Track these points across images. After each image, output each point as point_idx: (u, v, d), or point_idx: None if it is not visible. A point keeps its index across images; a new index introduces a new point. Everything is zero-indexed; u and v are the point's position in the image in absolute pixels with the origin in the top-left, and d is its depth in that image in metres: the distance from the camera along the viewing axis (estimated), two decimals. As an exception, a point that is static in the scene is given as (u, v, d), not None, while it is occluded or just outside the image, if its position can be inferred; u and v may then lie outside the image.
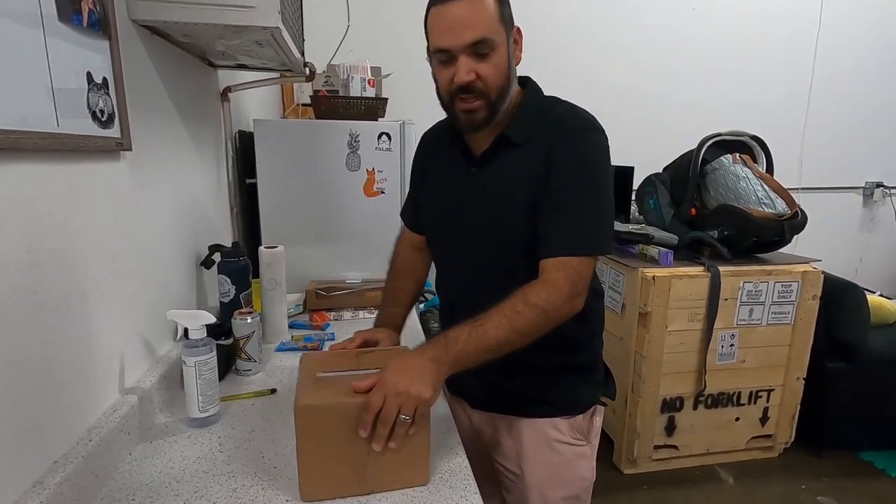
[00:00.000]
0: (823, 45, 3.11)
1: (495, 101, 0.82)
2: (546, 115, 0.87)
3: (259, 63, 1.38)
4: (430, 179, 1.01)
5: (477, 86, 0.80)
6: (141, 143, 0.91)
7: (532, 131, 0.86)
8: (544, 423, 0.95)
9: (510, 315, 0.77)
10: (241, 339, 1.08)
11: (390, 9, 2.58)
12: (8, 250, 0.59)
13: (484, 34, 0.78)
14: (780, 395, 2.15)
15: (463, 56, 0.79)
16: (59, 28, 0.68)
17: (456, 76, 0.80)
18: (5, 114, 0.58)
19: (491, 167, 0.89)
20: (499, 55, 0.80)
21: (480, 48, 0.78)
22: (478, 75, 0.80)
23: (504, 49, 0.81)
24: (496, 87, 0.81)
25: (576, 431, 0.96)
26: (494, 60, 0.80)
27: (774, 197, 2.01)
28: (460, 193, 0.92)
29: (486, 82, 0.80)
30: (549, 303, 0.78)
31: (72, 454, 0.68)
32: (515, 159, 0.86)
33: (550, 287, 0.79)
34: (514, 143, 0.86)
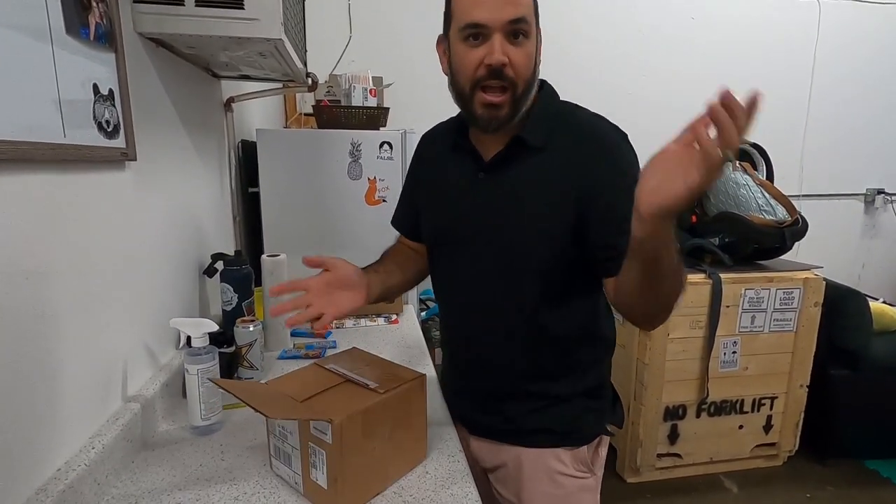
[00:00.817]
0: (822, 54, 3.13)
1: (520, 97, 0.76)
2: (566, 120, 0.81)
3: (262, 73, 1.39)
4: (432, 185, 0.94)
5: (508, 73, 0.74)
6: (145, 153, 0.92)
7: (550, 135, 0.79)
8: (547, 453, 0.88)
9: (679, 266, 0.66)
10: (243, 347, 1.09)
11: (392, 19, 2.61)
12: (14, 258, 0.60)
13: (525, 13, 0.73)
14: (783, 402, 2.14)
15: (498, 34, 0.72)
16: (67, 41, 0.69)
17: (488, 56, 0.72)
18: (14, 124, 0.59)
19: (503, 172, 0.82)
20: (531, 44, 0.75)
21: (519, 28, 0.73)
22: (510, 60, 0.73)
23: (535, 41, 0.76)
24: (524, 79, 0.75)
25: (580, 463, 0.89)
26: (527, 49, 0.74)
27: (775, 204, 2.02)
28: (468, 201, 0.85)
29: (517, 70, 0.74)
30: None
31: (74, 462, 0.68)
32: (532, 165, 0.79)
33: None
34: (530, 146, 0.79)
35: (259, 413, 0.66)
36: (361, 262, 1.07)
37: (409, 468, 0.80)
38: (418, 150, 1.01)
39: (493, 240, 0.83)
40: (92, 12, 0.75)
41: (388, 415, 0.74)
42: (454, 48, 0.77)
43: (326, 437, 0.67)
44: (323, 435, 0.68)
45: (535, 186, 0.79)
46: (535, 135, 0.80)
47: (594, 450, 0.92)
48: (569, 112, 0.83)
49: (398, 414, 0.76)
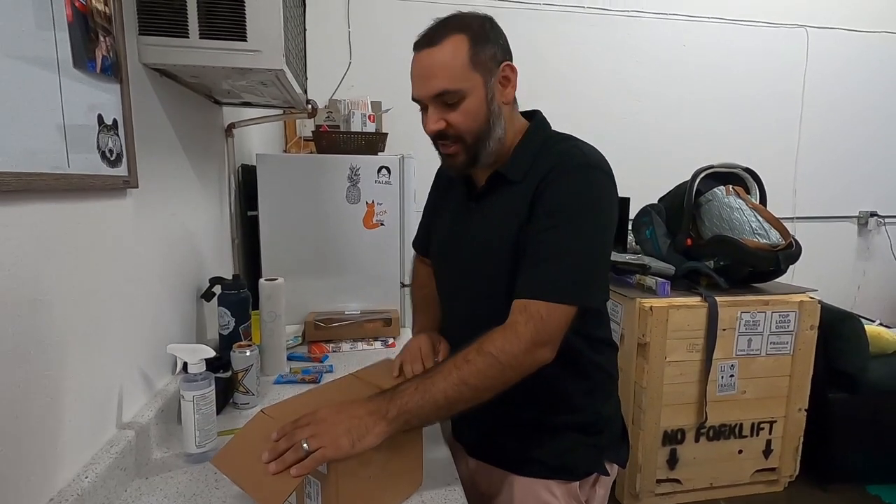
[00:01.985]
0: (811, 78, 3.21)
1: (472, 145, 0.81)
2: (548, 151, 0.83)
3: (263, 100, 1.42)
4: (439, 209, 1.02)
5: (448, 132, 0.80)
6: (147, 180, 0.93)
7: (529, 168, 0.82)
8: (537, 483, 0.87)
9: (460, 364, 0.70)
10: (240, 373, 1.08)
11: (391, 45, 2.67)
12: (15, 287, 0.60)
13: (446, 86, 0.77)
14: (782, 426, 2.13)
15: (431, 106, 0.80)
16: (74, 73, 0.71)
17: (425, 126, 0.82)
18: (20, 153, 0.60)
19: (485, 203, 0.88)
20: (470, 102, 0.78)
21: (446, 98, 0.78)
22: (447, 123, 0.80)
23: (478, 94, 0.78)
24: (470, 133, 0.80)
25: (572, 499, 0.87)
26: (465, 108, 0.78)
27: (768, 227, 2.04)
28: (459, 228, 0.92)
29: (458, 129, 0.80)
30: (503, 351, 0.70)
31: (67, 491, 0.67)
32: (507, 197, 0.84)
33: (509, 333, 0.72)
34: (508, 179, 0.84)
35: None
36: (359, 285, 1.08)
37: (406, 496, 0.79)
38: (435, 179, 1.08)
39: (474, 264, 0.88)
40: (99, 45, 0.78)
41: (383, 443, 0.74)
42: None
43: (322, 467, 0.67)
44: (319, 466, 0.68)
45: (507, 214, 0.83)
46: (514, 170, 0.84)
47: (590, 487, 0.89)
48: (553, 142, 0.85)
49: (393, 442, 0.76)
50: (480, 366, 0.70)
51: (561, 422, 0.87)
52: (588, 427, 0.88)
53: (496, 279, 0.83)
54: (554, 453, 0.87)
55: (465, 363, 0.71)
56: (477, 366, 0.70)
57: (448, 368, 0.71)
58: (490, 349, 0.71)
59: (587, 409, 0.88)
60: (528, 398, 0.85)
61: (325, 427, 0.65)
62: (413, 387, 0.70)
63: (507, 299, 0.78)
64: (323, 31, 2.62)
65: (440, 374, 0.71)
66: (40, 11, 0.64)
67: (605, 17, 2.93)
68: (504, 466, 0.91)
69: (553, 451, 0.87)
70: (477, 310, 0.88)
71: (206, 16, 0.93)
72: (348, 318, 1.56)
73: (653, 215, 2.30)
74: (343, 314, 1.58)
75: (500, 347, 0.71)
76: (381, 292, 1.68)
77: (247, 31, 0.95)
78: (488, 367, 0.70)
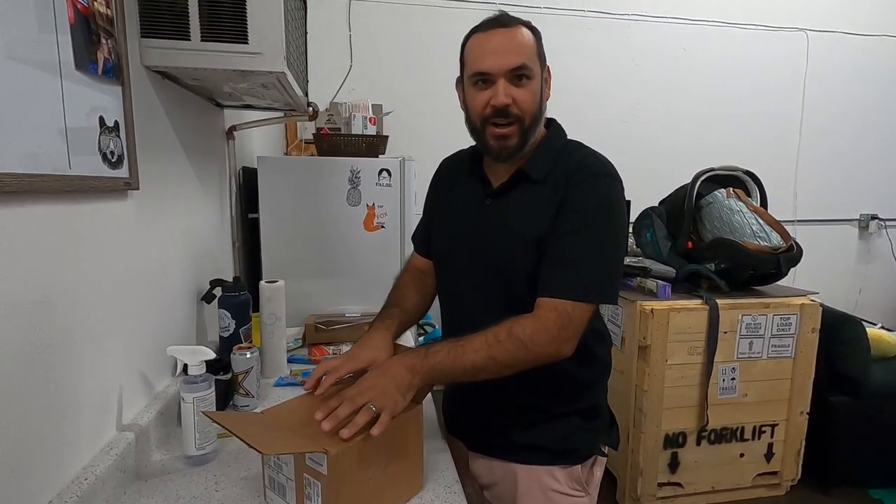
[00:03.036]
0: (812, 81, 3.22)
1: (528, 128, 0.85)
2: (567, 156, 0.88)
3: (264, 103, 1.42)
4: (445, 206, 1.01)
5: (512, 110, 0.83)
6: (148, 182, 0.93)
7: (551, 170, 0.86)
8: (540, 470, 0.91)
9: (491, 342, 0.77)
10: (240, 375, 1.08)
11: (392, 49, 2.68)
12: (17, 289, 0.60)
13: (525, 61, 0.82)
14: (784, 430, 2.12)
15: (502, 80, 0.82)
16: (76, 76, 0.71)
17: (493, 98, 0.83)
18: (22, 155, 0.60)
19: (506, 200, 0.89)
20: (535, 84, 0.84)
21: (520, 73, 0.82)
22: (514, 100, 0.82)
23: (539, 80, 0.85)
24: (530, 113, 0.84)
25: (574, 482, 0.92)
26: (531, 88, 0.83)
27: (769, 230, 2.04)
28: (472, 223, 0.92)
29: (522, 107, 0.83)
30: (532, 340, 0.77)
31: (66, 493, 0.67)
32: (531, 195, 0.86)
33: (538, 324, 0.78)
34: (531, 178, 0.87)
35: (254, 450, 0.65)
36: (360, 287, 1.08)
37: (406, 499, 0.79)
38: (438, 172, 1.08)
39: (486, 259, 0.89)
40: (101, 48, 0.78)
41: (384, 445, 0.74)
42: (467, 91, 0.88)
43: (322, 468, 0.67)
44: (318, 466, 0.67)
45: (526, 211, 0.86)
46: (536, 168, 0.87)
47: (589, 469, 0.94)
48: (571, 149, 0.90)
49: (394, 444, 0.76)
50: (510, 347, 0.77)
51: (563, 409, 0.91)
52: (586, 413, 0.93)
53: (513, 272, 0.86)
54: (556, 439, 0.91)
55: (496, 342, 0.77)
56: (506, 346, 0.77)
57: (479, 343, 0.77)
58: (521, 335, 0.77)
59: (587, 396, 0.93)
60: (532, 387, 0.87)
61: (378, 391, 0.72)
62: (445, 350, 0.78)
63: (520, 291, 0.85)
64: (324, 34, 2.64)
65: (472, 345, 0.78)
66: (42, 14, 0.64)
67: (605, 21, 2.94)
68: (506, 456, 0.94)
69: (555, 438, 0.91)
70: (486, 301, 0.90)
71: (207, 18, 0.94)
72: (349, 320, 1.56)
73: (653, 218, 2.30)
74: (344, 316, 1.58)
75: (529, 336, 0.78)
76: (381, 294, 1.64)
77: (248, 33, 0.96)
78: (517, 350, 0.77)
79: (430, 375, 0.77)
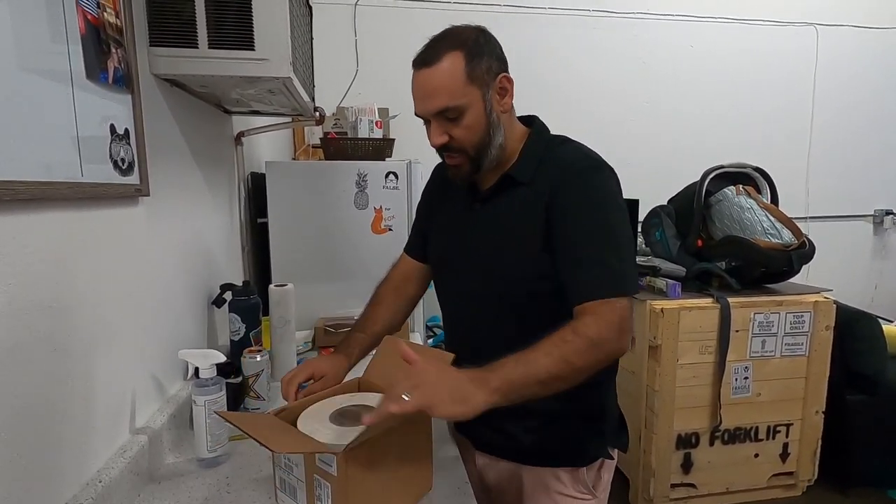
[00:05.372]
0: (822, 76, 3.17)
1: (476, 156, 0.84)
2: (552, 153, 0.87)
3: (271, 109, 1.44)
4: (437, 212, 1.02)
5: (452, 145, 0.83)
6: (158, 188, 0.95)
7: (537, 170, 0.86)
8: (546, 472, 0.91)
9: (559, 343, 0.71)
10: (251, 378, 1.09)
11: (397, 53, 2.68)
12: (29, 295, 0.62)
13: (446, 103, 0.80)
14: (799, 429, 2.09)
15: (433, 121, 0.83)
16: (87, 85, 0.73)
17: (430, 139, 0.85)
18: (35, 163, 0.62)
19: (493, 204, 0.89)
20: (470, 115, 0.81)
21: (447, 114, 0.81)
22: (450, 136, 0.82)
23: (477, 108, 0.82)
24: (472, 145, 0.83)
25: (580, 485, 0.91)
26: (465, 122, 0.81)
27: (780, 227, 2.02)
28: (463, 229, 0.93)
29: (460, 142, 0.83)
30: (600, 335, 0.73)
31: (81, 496, 0.68)
32: (519, 198, 0.86)
33: (600, 320, 0.74)
34: (518, 181, 0.87)
35: (264, 447, 0.66)
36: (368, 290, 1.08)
37: (415, 499, 0.79)
38: (431, 179, 1.08)
39: (482, 264, 0.89)
40: (111, 57, 0.79)
41: (394, 445, 0.74)
42: None
43: (332, 468, 0.67)
44: (328, 467, 0.68)
45: (517, 214, 0.86)
46: (522, 171, 0.87)
47: (596, 472, 0.93)
48: (555, 146, 0.89)
49: (404, 445, 0.76)
50: (580, 346, 0.72)
51: (569, 411, 0.88)
52: (593, 414, 0.92)
53: (508, 277, 0.86)
54: (562, 442, 0.90)
55: (563, 343, 0.72)
56: (576, 345, 0.72)
57: (547, 347, 0.71)
58: (587, 333, 0.73)
59: (594, 397, 0.91)
60: None
61: (429, 387, 0.65)
62: (513, 361, 0.70)
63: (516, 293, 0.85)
64: (330, 40, 2.65)
65: (540, 351, 0.71)
66: (54, 25, 0.66)
67: (611, 20, 2.92)
68: (512, 458, 0.93)
69: (561, 440, 0.90)
70: (484, 309, 0.90)
71: (214, 26, 0.95)
72: (358, 323, 1.56)
73: (662, 217, 2.28)
74: (353, 319, 1.58)
75: (596, 332, 0.73)
76: (390, 297, 1.68)
77: (254, 40, 0.97)
78: (588, 348, 0.72)
79: (502, 390, 0.67)
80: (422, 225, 1.07)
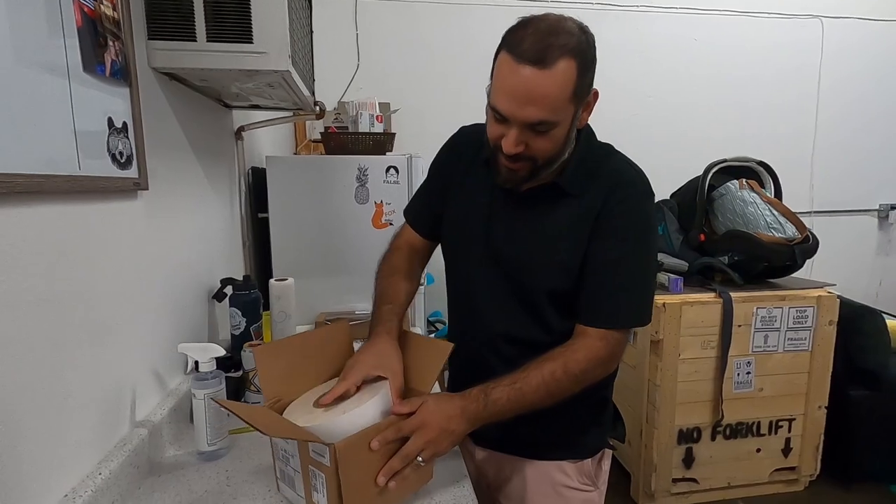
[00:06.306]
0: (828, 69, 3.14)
1: (541, 166, 0.78)
2: (604, 166, 0.83)
3: (272, 103, 1.44)
4: (461, 192, 0.93)
5: (524, 154, 0.76)
6: (157, 182, 0.95)
7: (585, 181, 0.82)
8: (550, 466, 0.91)
9: (548, 380, 0.77)
10: (251, 372, 1.09)
11: (398, 48, 2.68)
12: (28, 287, 0.62)
13: (545, 117, 0.71)
14: (801, 424, 2.08)
15: (515, 129, 0.73)
16: (84, 78, 0.72)
17: (504, 141, 0.75)
18: (32, 157, 0.62)
19: (537, 210, 0.84)
20: (558, 131, 0.74)
21: (538, 127, 0.73)
22: (527, 146, 0.75)
23: (566, 124, 0.75)
24: (545, 158, 0.77)
25: (583, 476, 0.92)
26: (552, 135, 0.74)
27: (784, 221, 2.00)
28: (495, 222, 0.87)
29: (536, 154, 0.76)
30: (586, 372, 0.79)
31: (81, 488, 0.69)
32: (566, 208, 0.82)
33: (592, 357, 0.80)
34: (567, 192, 0.82)
35: (257, 430, 0.66)
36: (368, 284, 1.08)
37: (414, 490, 0.79)
38: (456, 147, 0.96)
39: (510, 264, 0.87)
40: (108, 50, 0.79)
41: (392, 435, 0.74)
42: (489, 107, 0.76)
43: (325, 459, 0.67)
44: (321, 458, 0.68)
45: (563, 227, 0.83)
46: (572, 183, 0.82)
47: (597, 463, 0.94)
48: (604, 157, 0.86)
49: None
50: (565, 385, 0.78)
51: (575, 405, 0.86)
52: (595, 407, 0.93)
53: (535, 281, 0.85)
54: (566, 435, 0.91)
55: (553, 380, 0.77)
56: (563, 384, 0.78)
57: (537, 382, 0.77)
58: (576, 371, 0.79)
59: (596, 390, 0.90)
60: None
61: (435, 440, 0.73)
62: (506, 396, 0.77)
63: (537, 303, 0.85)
64: (331, 34, 2.64)
65: (529, 386, 0.77)
66: (51, 17, 0.65)
67: (614, 13, 2.90)
68: (515, 452, 0.93)
69: (568, 434, 0.91)
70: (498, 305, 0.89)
71: (212, 19, 0.95)
72: (358, 317, 1.56)
73: (664, 211, 2.27)
74: (353, 314, 1.59)
75: (583, 370, 0.79)
76: (390, 292, 1.68)
77: (253, 33, 0.96)
78: (572, 385, 0.79)
79: (489, 420, 0.78)
80: (434, 202, 0.98)
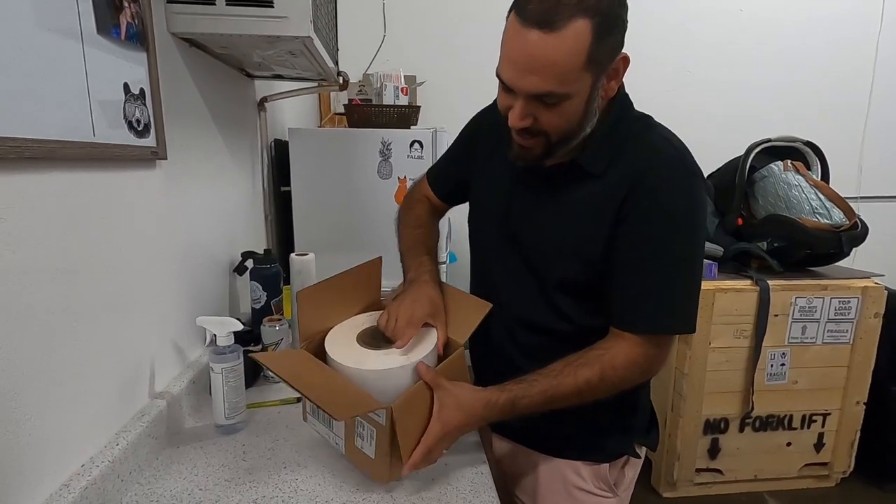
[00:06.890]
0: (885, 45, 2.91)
1: (556, 143, 0.71)
2: (634, 142, 0.73)
3: (294, 73, 1.40)
4: (486, 170, 0.89)
5: (533, 128, 0.69)
6: (177, 152, 0.93)
7: (611, 161, 0.73)
8: (564, 464, 0.86)
9: (583, 388, 0.73)
10: (270, 346, 1.09)
11: (426, 18, 2.59)
12: (44, 257, 0.60)
13: (551, 89, 0.63)
14: (836, 419, 2.00)
15: (521, 100, 0.66)
16: (98, 41, 0.70)
17: (510, 117, 0.68)
18: (45, 123, 0.60)
19: (556, 188, 0.78)
20: (571, 104, 0.66)
21: (545, 99, 0.65)
22: (536, 120, 0.68)
23: (581, 97, 0.66)
24: (558, 132, 0.69)
25: (600, 481, 0.86)
26: (563, 109, 0.66)
27: (830, 206, 1.88)
28: (515, 200, 0.83)
29: (546, 128, 0.68)
30: (625, 381, 0.75)
31: (99, 458, 0.69)
32: (587, 191, 0.74)
33: (629, 362, 0.74)
34: (588, 172, 0.74)
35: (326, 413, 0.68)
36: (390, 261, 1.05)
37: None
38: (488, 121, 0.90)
39: (532, 249, 0.82)
40: (123, 12, 0.76)
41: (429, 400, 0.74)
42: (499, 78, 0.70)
43: (380, 418, 0.69)
44: (377, 416, 0.69)
45: (582, 213, 0.76)
46: (594, 162, 0.74)
47: (619, 469, 0.87)
48: (639, 131, 0.75)
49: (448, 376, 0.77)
50: (600, 392, 0.74)
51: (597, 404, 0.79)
52: (622, 409, 0.85)
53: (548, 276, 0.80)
54: (585, 434, 0.85)
55: (588, 388, 0.73)
56: (597, 393, 0.74)
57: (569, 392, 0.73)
58: (614, 379, 0.74)
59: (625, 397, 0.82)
60: None
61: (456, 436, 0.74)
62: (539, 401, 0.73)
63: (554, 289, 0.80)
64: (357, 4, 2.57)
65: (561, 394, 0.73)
66: (61, -25, 0.63)
67: (655, -19, 2.73)
68: (531, 446, 0.90)
69: (585, 433, 0.85)
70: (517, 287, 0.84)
71: (232, -19, 0.91)
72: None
73: (701, 193, 2.16)
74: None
75: (622, 378, 0.74)
76: (412, 270, 1.65)
77: (273, -4, 0.92)
78: (608, 391, 0.75)
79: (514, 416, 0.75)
80: (458, 171, 0.96)
